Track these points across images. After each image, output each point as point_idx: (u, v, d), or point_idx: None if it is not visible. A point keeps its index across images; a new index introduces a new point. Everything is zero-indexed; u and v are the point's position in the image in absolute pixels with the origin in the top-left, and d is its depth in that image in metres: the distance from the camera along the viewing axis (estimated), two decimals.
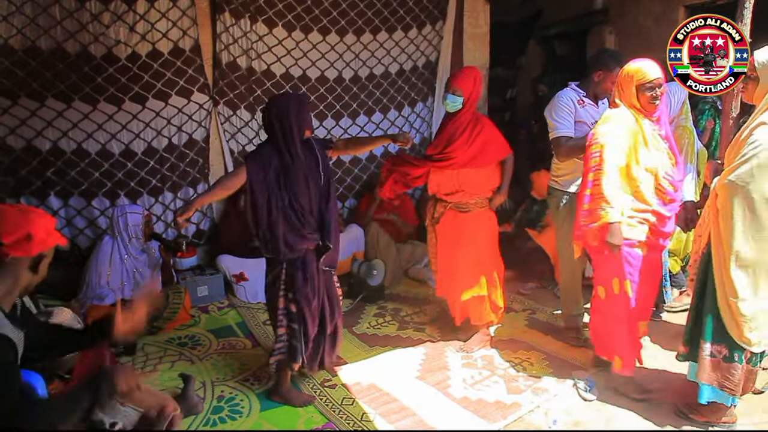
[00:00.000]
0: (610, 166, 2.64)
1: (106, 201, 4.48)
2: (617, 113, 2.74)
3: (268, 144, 2.83)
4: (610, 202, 2.62)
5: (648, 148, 2.69)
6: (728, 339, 2.46)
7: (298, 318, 2.83)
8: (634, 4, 5.84)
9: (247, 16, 4.72)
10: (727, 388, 2.50)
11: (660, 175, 2.72)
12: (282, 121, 2.74)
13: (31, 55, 4.04)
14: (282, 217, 2.76)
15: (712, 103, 4.35)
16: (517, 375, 3.17)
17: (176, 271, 4.39)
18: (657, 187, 2.74)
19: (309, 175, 2.82)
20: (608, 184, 2.63)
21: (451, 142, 3.28)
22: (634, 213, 2.72)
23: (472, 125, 3.27)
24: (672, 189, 2.76)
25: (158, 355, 3.51)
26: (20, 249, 1.63)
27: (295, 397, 2.93)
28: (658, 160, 2.71)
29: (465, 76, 3.29)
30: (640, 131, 2.68)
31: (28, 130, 4.15)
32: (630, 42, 5.81)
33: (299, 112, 2.78)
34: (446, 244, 3.48)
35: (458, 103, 3.24)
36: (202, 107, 4.70)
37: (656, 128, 2.75)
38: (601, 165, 2.66)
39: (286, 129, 2.74)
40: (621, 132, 2.68)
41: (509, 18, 7.21)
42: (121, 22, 4.25)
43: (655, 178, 2.72)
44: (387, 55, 5.46)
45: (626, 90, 2.72)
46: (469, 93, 3.24)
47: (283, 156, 2.76)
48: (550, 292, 4.35)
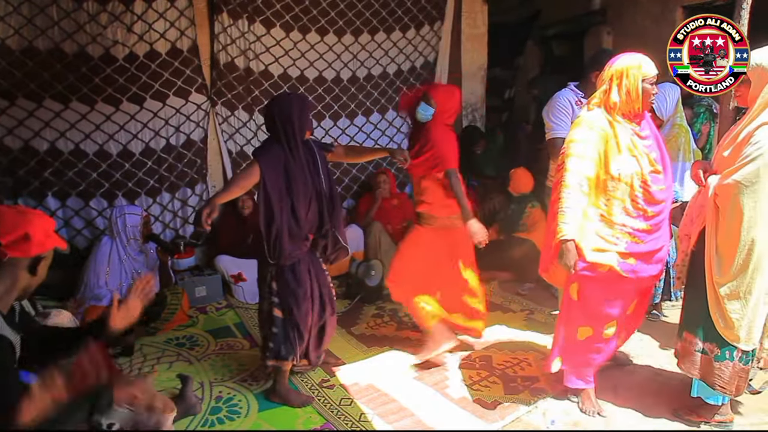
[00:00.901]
0: (573, 178, 2.45)
1: (103, 201, 4.48)
2: (588, 116, 2.55)
3: (274, 143, 2.81)
4: (565, 217, 2.43)
5: (621, 153, 2.48)
6: (718, 337, 2.47)
7: (285, 322, 2.84)
8: (632, 4, 5.85)
9: (245, 17, 4.72)
10: (718, 387, 2.50)
11: (635, 185, 2.49)
12: (285, 120, 2.74)
13: (29, 56, 4.04)
14: (286, 223, 2.75)
15: (707, 106, 4.36)
16: (516, 375, 3.17)
17: (174, 272, 4.38)
18: (633, 199, 2.51)
19: (308, 177, 2.82)
20: (568, 197, 2.45)
21: (409, 149, 3.28)
22: (605, 232, 2.50)
23: (428, 136, 3.20)
24: (647, 200, 2.50)
25: (156, 355, 3.51)
26: (18, 249, 1.63)
27: (293, 398, 2.93)
28: (632, 168, 2.49)
29: (444, 91, 3.32)
30: (613, 135, 2.49)
31: (26, 130, 4.15)
32: (628, 42, 5.78)
33: (301, 111, 2.79)
34: (405, 249, 3.44)
35: (429, 114, 3.19)
36: (200, 108, 4.70)
37: (636, 129, 2.55)
38: (564, 178, 2.48)
39: (289, 129, 2.74)
40: (591, 137, 2.48)
41: (507, 18, 7.22)
42: (118, 22, 4.25)
43: (630, 189, 2.49)
44: (385, 56, 5.47)
45: (620, 87, 2.49)
46: (442, 107, 3.19)
47: (286, 156, 2.76)
48: (549, 292, 4.34)
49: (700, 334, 2.54)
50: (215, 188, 4.96)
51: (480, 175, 5.77)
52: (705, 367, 2.53)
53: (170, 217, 4.77)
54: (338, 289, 4.53)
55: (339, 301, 4.28)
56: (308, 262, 2.90)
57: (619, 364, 3.16)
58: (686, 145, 3.94)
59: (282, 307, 2.84)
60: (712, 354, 2.50)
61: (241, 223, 4.59)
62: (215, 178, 4.95)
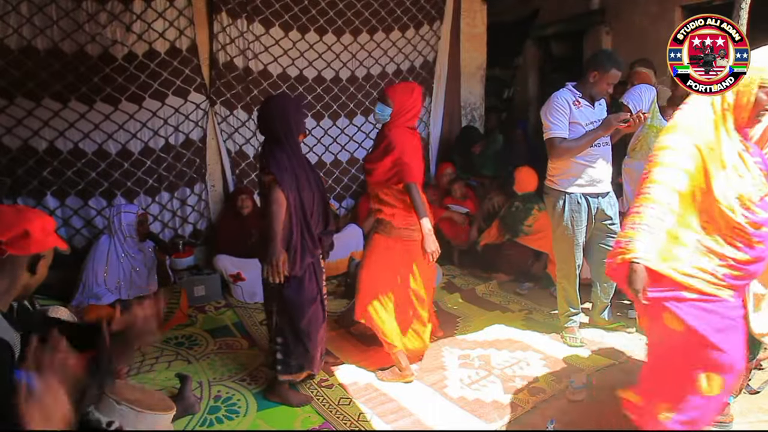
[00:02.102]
0: (660, 192, 2.06)
1: (102, 201, 4.47)
2: (686, 119, 2.15)
3: (276, 148, 2.74)
4: (641, 234, 2.05)
5: (725, 169, 2.06)
6: None
7: (290, 331, 2.82)
8: (630, 4, 5.85)
9: (244, 16, 4.72)
10: None
11: (738, 209, 2.05)
12: (283, 120, 2.72)
13: (27, 55, 4.04)
14: (299, 235, 2.73)
15: None
16: (514, 375, 3.18)
17: (173, 271, 4.39)
18: (735, 225, 2.06)
19: (311, 178, 2.81)
20: (649, 213, 2.06)
21: (370, 153, 3.15)
22: (700, 261, 2.08)
23: (388, 139, 3.01)
24: (753, 227, 2.06)
25: (155, 355, 3.50)
26: (17, 247, 1.62)
27: (292, 397, 2.92)
28: (738, 189, 2.06)
29: (401, 90, 3.07)
30: (717, 147, 2.07)
31: (25, 129, 4.14)
32: (626, 42, 5.83)
33: (297, 112, 2.78)
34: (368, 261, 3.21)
35: (386, 114, 3.01)
36: (198, 107, 4.70)
37: (745, 143, 2.15)
38: (649, 189, 2.09)
39: (287, 128, 2.72)
40: (687, 146, 2.08)
41: (506, 18, 7.22)
42: (117, 21, 4.25)
43: (732, 213, 2.04)
44: (384, 55, 5.47)
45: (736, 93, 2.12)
46: (400, 106, 2.99)
47: (291, 161, 2.72)
48: (547, 292, 4.35)
49: None
50: (214, 188, 4.96)
51: (479, 175, 5.77)
52: None
53: (169, 216, 4.77)
54: (338, 288, 4.54)
55: (338, 300, 4.29)
56: (313, 265, 2.87)
57: None
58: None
59: (291, 318, 2.80)
60: None
61: (241, 223, 4.58)
62: (214, 178, 4.95)
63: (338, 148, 5.47)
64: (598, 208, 3.42)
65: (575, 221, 3.38)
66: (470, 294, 4.47)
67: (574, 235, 3.41)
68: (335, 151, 5.46)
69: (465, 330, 3.78)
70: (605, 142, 3.39)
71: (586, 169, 3.33)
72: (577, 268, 3.51)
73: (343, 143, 5.46)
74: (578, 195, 3.36)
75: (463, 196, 5.28)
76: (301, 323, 2.80)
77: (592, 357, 3.36)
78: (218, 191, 5.00)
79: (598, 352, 3.41)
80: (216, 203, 4.98)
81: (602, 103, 3.44)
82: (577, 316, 3.60)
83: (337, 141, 5.44)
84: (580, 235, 3.42)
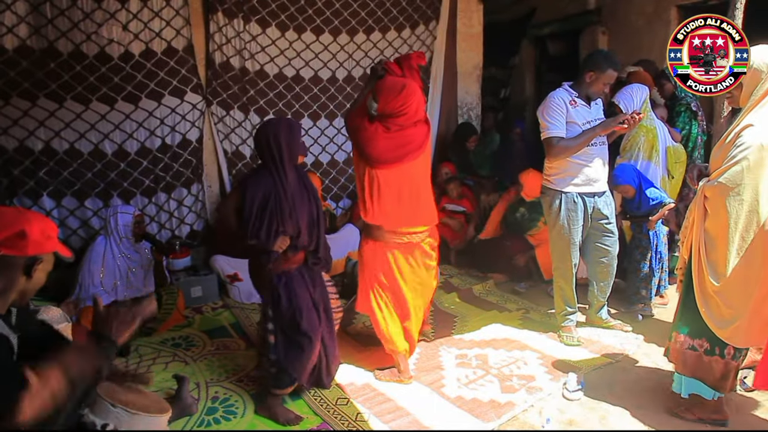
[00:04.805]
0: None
1: (99, 201, 4.46)
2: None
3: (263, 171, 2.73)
4: None
5: None
6: (709, 333, 2.48)
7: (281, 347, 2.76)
8: (626, 3, 5.87)
9: (240, 16, 4.71)
10: (710, 382, 2.52)
11: None
12: (274, 147, 2.67)
13: (23, 55, 4.01)
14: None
15: (687, 105, 4.38)
16: (511, 374, 3.18)
17: (170, 272, 4.37)
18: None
19: (305, 200, 2.77)
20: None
21: None
22: None
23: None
24: None
25: (152, 356, 3.49)
26: (13, 247, 1.59)
27: (280, 414, 2.81)
28: None
29: (387, 88, 2.87)
30: None
31: (20, 130, 4.12)
32: (622, 42, 5.85)
33: (290, 137, 2.71)
34: None
35: (372, 110, 2.93)
36: (195, 107, 4.69)
37: None
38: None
39: (279, 155, 2.67)
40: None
41: (502, 18, 7.23)
42: (113, 20, 4.23)
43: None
44: (380, 55, 5.46)
45: None
46: (382, 107, 2.86)
47: (274, 181, 2.69)
48: (545, 291, 4.36)
49: (689, 331, 2.56)
50: (210, 188, 4.95)
51: (475, 174, 5.78)
52: (695, 363, 2.55)
53: (166, 217, 4.76)
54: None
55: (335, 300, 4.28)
56: (303, 275, 2.82)
57: None
58: (646, 145, 4.02)
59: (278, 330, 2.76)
60: (701, 349, 2.52)
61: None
62: (211, 178, 4.94)
63: (335, 148, 5.46)
64: (595, 208, 3.43)
65: (572, 220, 3.39)
66: (467, 293, 4.47)
67: (571, 235, 3.41)
68: (332, 151, 5.46)
69: (462, 329, 3.79)
70: (602, 142, 3.40)
71: (583, 168, 3.34)
72: (573, 267, 3.51)
73: (339, 143, 5.46)
74: (575, 194, 3.37)
75: (460, 195, 5.28)
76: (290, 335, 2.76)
77: (589, 356, 3.36)
78: (215, 192, 4.99)
79: (595, 351, 3.42)
80: (213, 204, 4.97)
81: (599, 102, 3.45)
82: (574, 315, 3.61)
83: (334, 141, 5.44)
84: (577, 235, 3.43)
